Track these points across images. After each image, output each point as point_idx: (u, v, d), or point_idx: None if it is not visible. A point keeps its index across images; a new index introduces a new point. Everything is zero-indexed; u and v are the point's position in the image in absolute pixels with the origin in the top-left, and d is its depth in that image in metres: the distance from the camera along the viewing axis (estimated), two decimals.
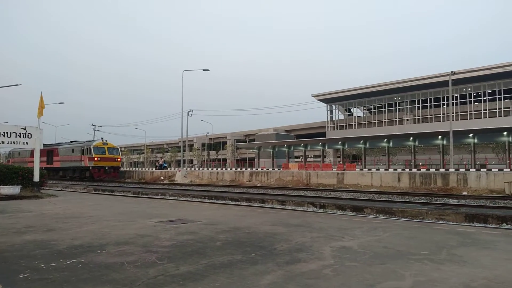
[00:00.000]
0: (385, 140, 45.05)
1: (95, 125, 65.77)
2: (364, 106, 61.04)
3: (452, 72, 34.93)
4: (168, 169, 45.90)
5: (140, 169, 56.97)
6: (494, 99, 47.30)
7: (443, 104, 49.97)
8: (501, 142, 47.38)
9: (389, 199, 14.58)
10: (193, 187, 23.35)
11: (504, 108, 46.53)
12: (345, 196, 16.42)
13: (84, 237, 6.68)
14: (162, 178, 38.46)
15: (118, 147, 40.42)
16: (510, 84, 45.72)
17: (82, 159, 36.57)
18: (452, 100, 38.27)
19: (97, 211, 10.79)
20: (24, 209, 11.31)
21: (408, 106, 54.76)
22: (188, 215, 9.90)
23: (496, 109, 46.94)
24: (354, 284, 4.02)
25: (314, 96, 62.73)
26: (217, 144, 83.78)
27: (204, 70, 38.24)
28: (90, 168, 35.80)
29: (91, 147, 36.30)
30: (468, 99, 49.26)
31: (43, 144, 40.75)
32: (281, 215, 10.04)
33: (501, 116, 46.26)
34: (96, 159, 35.74)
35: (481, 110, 48.00)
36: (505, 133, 46.35)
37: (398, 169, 35.15)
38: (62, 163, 39.82)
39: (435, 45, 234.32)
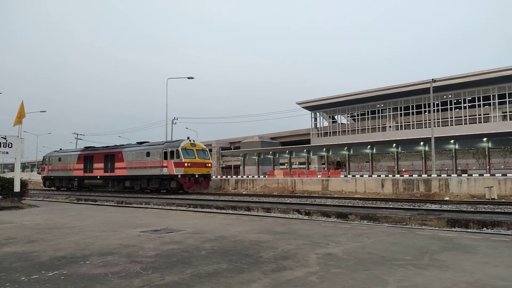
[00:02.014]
0: (369, 146, 45.62)
1: (77, 134, 64.85)
2: (348, 113, 61.76)
3: (433, 79, 35.71)
4: None
5: None
6: (474, 106, 48.44)
7: (425, 111, 50.93)
8: (481, 148, 48.45)
9: (373, 205, 14.74)
10: (178, 196, 23.18)
11: (483, 114, 47.66)
12: (329, 202, 16.53)
13: (67, 248, 6.57)
14: None
15: (207, 149, 30.88)
16: (489, 91, 46.92)
17: (165, 164, 26.89)
18: (434, 107, 39.08)
19: (80, 221, 10.61)
20: (4, 220, 11.05)
21: (391, 113, 55.62)
22: (173, 224, 9.82)
23: (476, 115, 48.06)
24: None
25: (298, 104, 63.20)
26: None
27: (188, 78, 38.14)
28: (179, 177, 26.08)
29: (179, 149, 26.47)
30: (449, 106, 50.32)
31: (93, 147, 37.17)
32: (266, 222, 10.05)
33: (481, 122, 47.37)
34: (186, 164, 26.27)
35: (461, 117, 49.08)
36: (485, 139, 47.46)
37: (381, 176, 35.58)
38: (130, 170, 29.59)
39: (419, 52, 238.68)
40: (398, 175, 33.53)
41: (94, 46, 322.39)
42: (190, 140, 28.35)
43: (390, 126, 55.24)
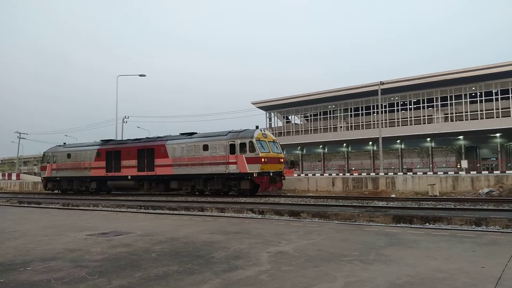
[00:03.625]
0: (321, 146, 46.79)
1: (20, 133, 61.12)
2: (301, 114, 63.00)
3: (381, 82, 37.29)
4: None
5: None
6: (419, 108, 51.11)
7: (373, 112, 53.03)
8: (425, 147, 51.27)
9: (324, 203, 15.12)
10: (128, 197, 22.48)
11: (427, 116, 50.42)
12: (283, 201, 16.75)
13: (5, 254, 6.17)
14: None
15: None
16: (432, 94, 49.70)
17: (232, 160, 20.91)
18: (381, 108, 40.79)
19: (21, 226, 10.01)
20: None
21: (342, 114, 57.40)
22: (122, 226, 9.53)
23: (420, 116, 50.74)
24: None
25: (253, 104, 63.58)
26: None
27: (140, 75, 37.20)
28: (254, 175, 20.14)
29: (253, 140, 20.52)
30: (395, 108, 52.72)
31: (115, 139, 29.95)
32: (220, 222, 10.01)
33: (425, 123, 50.09)
34: (263, 160, 20.51)
35: (407, 118, 51.61)
36: (428, 139, 50.25)
37: (332, 174, 36.64)
38: (178, 168, 22.91)
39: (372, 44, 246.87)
40: (348, 174, 34.67)
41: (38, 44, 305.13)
42: (261, 130, 22.27)
43: (341, 127, 57.01)
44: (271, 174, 20.77)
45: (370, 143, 53.13)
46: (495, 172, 33.60)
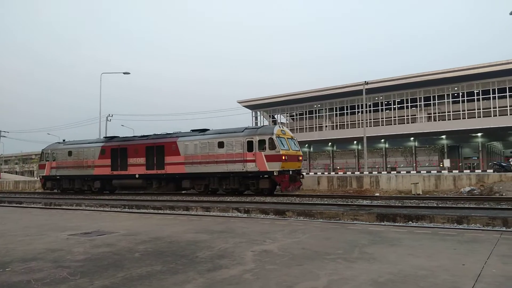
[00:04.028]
0: (306, 145, 46.95)
1: (0, 131, 59.76)
2: (287, 113, 63.21)
3: (365, 82, 37.63)
4: None
5: None
6: (402, 108, 51.79)
7: (358, 112, 53.53)
8: (408, 147, 51.97)
9: (309, 202, 15.22)
10: (112, 196, 22.22)
11: (411, 115, 51.14)
12: (268, 200, 16.80)
13: None
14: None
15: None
16: (416, 94, 50.42)
17: (250, 158, 19.89)
18: (366, 108, 41.17)
19: (1, 225, 9.80)
20: None
21: (327, 113, 57.80)
22: (106, 226, 9.40)
23: (404, 116, 51.43)
24: (273, 287, 4.13)
25: (239, 102, 63.53)
26: None
27: (124, 73, 36.77)
28: (274, 174, 19.17)
29: (273, 137, 19.56)
30: (380, 107, 53.33)
31: (119, 136, 26.75)
32: (205, 222, 9.97)
33: (409, 123, 50.79)
34: (284, 158, 19.48)
35: (391, 117, 52.25)
36: (412, 138, 50.96)
37: (318, 173, 36.87)
38: (191, 166, 21.78)
39: (363, 54, 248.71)
40: (333, 173, 34.90)
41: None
42: (279, 126, 21.60)
43: (326, 126, 57.41)
44: (290, 172, 19.85)
45: (355, 142, 53.62)
46: (476, 171, 34.27)
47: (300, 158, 21.51)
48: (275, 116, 64.41)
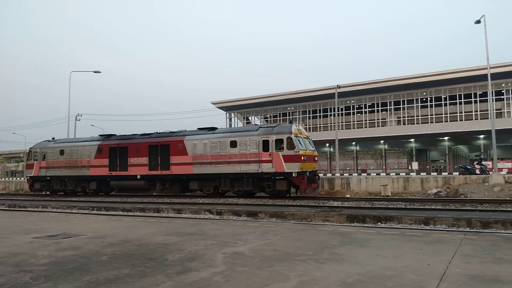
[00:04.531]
0: None
1: None
2: (261, 115, 63.39)
3: (338, 85, 38.24)
4: None
5: (18, 179, 47.97)
6: (373, 111, 52.93)
7: (331, 115, 54.32)
8: (379, 149, 53.18)
9: (281, 203, 15.28)
10: (80, 198, 21.60)
11: (381, 119, 52.32)
12: (241, 201, 16.75)
13: None
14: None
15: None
16: (386, 98, 51.63)
17: (265, 158, 18.86)
18: (338, 111, 41.86)
19: None
20: None
21: (300, 116, 58.33)
22: (73, 228, 9.13)
23: (375, 120, 52.55)
24: None
25: (213, 104, 63.20)
26: None
27: (95, 72, 35.84)
28: (293, 175, 18.08)
29: (292, 136, 18.50)
30: (351, 111, 54.27)
31: (116, 134, 24.74)
32: (176, 224, 9.85)
33: (379, 126, 51.92)
34: (303, 158, 18.42)
35: (362, 121, 53.27)
36: (382, 141, 52.14)
37: None
38: (199, 167, 20.48)
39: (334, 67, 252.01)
40: None
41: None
42: (296, 125, 20.33)
43: None
44: (307, 173, 18.93)
45: (327, 144, 54.34)
46: (443, 173, 35.39)
47: (316, 158, 20.69)
48: (249, 118, 64.49)
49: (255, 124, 62.90)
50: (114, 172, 23.07)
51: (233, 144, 19.74)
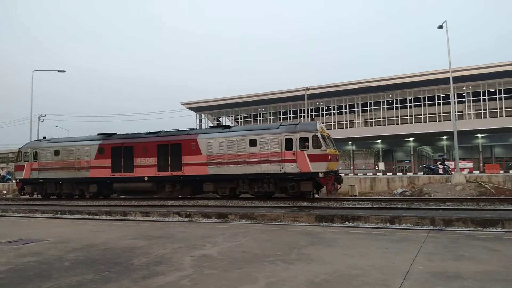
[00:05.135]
0: None
1: None
2: (232, 116, 63.28)
3: (307, 87, 38.77)
4: (13, 181, 37.48)
5: None
6: (341, 113, 53.94)
7: (300, 116, 54.90)
8: (347, 150, 54.18)
9: (252, 205, 15.28)
10: (43, 201, 20.81)
11: (349, 120, 53.38)
12: (211, 203, 16.63)
13: None
14: (5, 192, 33.32)
15: None
16: (354, 100, 52.74)
17: (288, 158, 17.85)
18: (307, 112, 42.40)
19: None
20: None
21: (271, 117, 58.62)
22: (34, 233, 8.77)
23: (343, 121, 53.56)
24: None
25: (183, 104, 62.53)
26: None
27: (59, 71, 34.66)
28: (320, 175, 17.11)
29: (318, 134, 17.56)
30: (320, 112, 55.10)
31: (116, 133, 23.08)
32: (143, 227, 9.64)
33: (347, 127, 52.95)
34: (329, 158, 17.56)
35: (331, 122, 54.16)
36: (350, 142, 53.13)
37: None
38: (215, 167, 19.29)
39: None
40: None
41: None
42: (319, 123, 19.35)
43: None
44: (331, 174, 18.08)
45: None
46: (408, 173, 36.48)
47: (338, 157, 19.89)
48: (220, 119, 64.25)
49: (219, 123, 62.77)
50: (117, 173, 21.44)
51: (253, 142, 18.68)
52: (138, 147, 21.14)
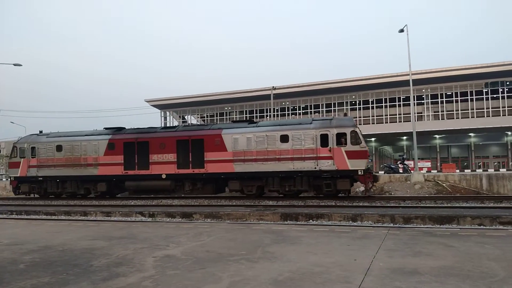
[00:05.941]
0: None
1: None
2: (198, 114, 62.72)
3: (273, 87, 38.99)
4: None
5: None
6: (306, 113, 54.74)
7: (267, 115, 55.23)
8: None
9: (217, 204, 15.20)
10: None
11: None
12: (176, 203, 16.39)
13: None
14: None
15: None
16: (319, 100, 53.68)
17: (323, 154, 16.83)
18: (274, 112, 42.66)
19: None
20: None
21: (237, 116, 58.61)
22: None
23: None
24: None
25: (147, 102, 61.35)
26: None
27: (15, 64, 33.09)
28: (359, 173, 16.35)
29: (357, 130, 16.83)
30: (286, 112, 55.70)
31: (124, 127, 21.38)
32: (103, 228, 9.36)
33: None
34: (368, 155, 17.15)
35: None
36: None
37: None
38: (241, 164, 18.00)
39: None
40: None
41: None
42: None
43: None
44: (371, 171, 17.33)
45: None
46: None
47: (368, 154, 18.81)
48: (185, 117, 63.53)
49: (184, 121, 62.12)
50: (131, 171, 19.77)
51: (284, 138, 17.59)
52: (155, 142, 19.63)
